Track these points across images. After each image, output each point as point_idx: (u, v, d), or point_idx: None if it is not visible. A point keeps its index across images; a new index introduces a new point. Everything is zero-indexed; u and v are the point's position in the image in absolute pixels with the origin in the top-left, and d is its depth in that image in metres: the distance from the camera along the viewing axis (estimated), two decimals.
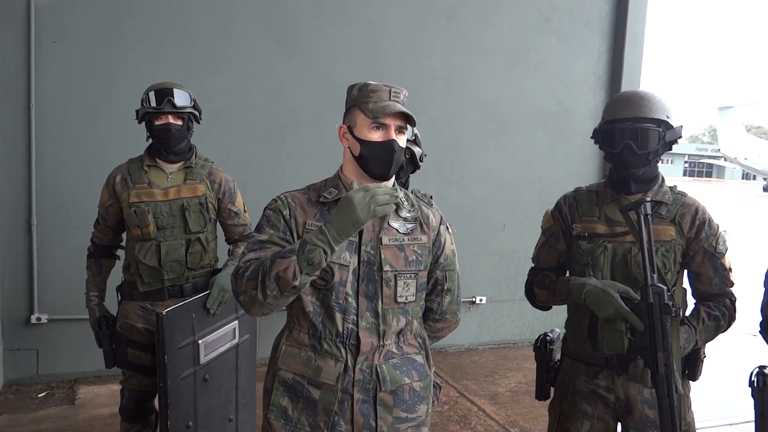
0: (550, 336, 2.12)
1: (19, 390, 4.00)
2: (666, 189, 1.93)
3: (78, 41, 4.01)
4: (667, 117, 1.85)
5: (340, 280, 1.60)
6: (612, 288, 1.78)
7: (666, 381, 1.68)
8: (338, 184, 1.67)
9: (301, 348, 1.64)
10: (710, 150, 61.81)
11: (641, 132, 1.83)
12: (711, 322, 1.88)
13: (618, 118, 1.87)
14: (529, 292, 2.12)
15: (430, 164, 3.13)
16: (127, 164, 2.69)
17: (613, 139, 1.87)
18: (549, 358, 2.10)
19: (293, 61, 4.51)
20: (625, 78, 5.34)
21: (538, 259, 2.13)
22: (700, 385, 2.02)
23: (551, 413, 2.10)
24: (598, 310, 1.79)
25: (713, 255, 1.90)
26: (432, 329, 1.82)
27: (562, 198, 2.08)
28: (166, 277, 2.63)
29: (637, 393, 1.89)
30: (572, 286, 1.87)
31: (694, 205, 1.92)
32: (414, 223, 1.68)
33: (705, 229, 1.89)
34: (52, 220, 4.04)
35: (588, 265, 1.90)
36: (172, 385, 2.33)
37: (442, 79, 4.96)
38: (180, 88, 2.61)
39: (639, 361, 1.71)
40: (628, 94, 1.94)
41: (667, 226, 1.89)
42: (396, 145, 1.60)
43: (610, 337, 1.87)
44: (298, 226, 1.63)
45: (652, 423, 1.87)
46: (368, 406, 1.61)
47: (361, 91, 1.61)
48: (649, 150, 1.84)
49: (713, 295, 1.93)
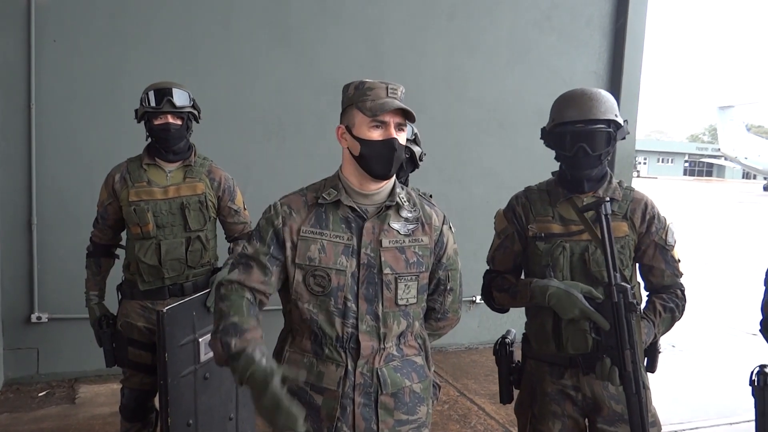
0: (509, 338, 2.10)
1: (19, 389, 4.00)
2: (615, 185, 1.94)
3: (78, 40, 4.01)
4: (615, 116, 1.86)
5: (338, 285, 1.58)
6: (575, 288, 1.78)
7: (633, 378, 1.69)
8: (338, 185, 1.64)
9: (304, 354, 1.63)
10: (710, 149, 61.81)
11: (593, 134, 1.83)
12: (667, 314, 1.91)
13: (568, 120, 1.86)
14: (487, 295, 2.10)
15: (431, 163, 3.13)
16: (126, 163, 2.68)
17: (564, 141, 1.87)
18: (510, 361, 2.08)
19: (294, 60, 4.51)
20: (626, 76, 5.34)
21: (493, 262, 2.10)
22: (699, 384, 2.02)
23: (520, 416, 2.09)
24: (563, 312, 1.79)
25: (663, 248, 1.92)
26: (433, 328, 1.81)
27: (514, 198, 2.08)
28: (166, 275, 2.63)
29: (603, 389, 1.89)
30: (534, 289, 1.86)
31: (643, 200, 1.94)
32: (415, 224, 1.66)
33: (655, 222, 1.91)
34: (53, 219, 4.04)
35: (548, 266, 1.89)
36: (172, 383, 2.33)
37: (442, 78, 4.96)
38: (179, 88, 2.61)
39: (606, 359, 1.72)
40: (576, 93, 1.90)
41: (620, 222, 1.90)
42: (396, 143, 1.58)
43: (574, 336, 1.88)
44: (292, 234, 1.60)
45: (620, 417, 1.88)
46: (369, 409, 1.60)
47: (357, 90, 1.58)
48: (601, 151, 1.85)
49: (665, 287, 1.95)
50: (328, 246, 1.59)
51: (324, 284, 1.57)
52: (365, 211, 1.63)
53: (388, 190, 1.66)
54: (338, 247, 1.59)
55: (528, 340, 2.05)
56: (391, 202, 1.64)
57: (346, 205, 1.61)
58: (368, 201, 1.64)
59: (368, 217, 1.62)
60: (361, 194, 1.63)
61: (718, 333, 6.10)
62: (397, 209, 1.64)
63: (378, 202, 1.64)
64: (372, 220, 1.62)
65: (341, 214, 1.62)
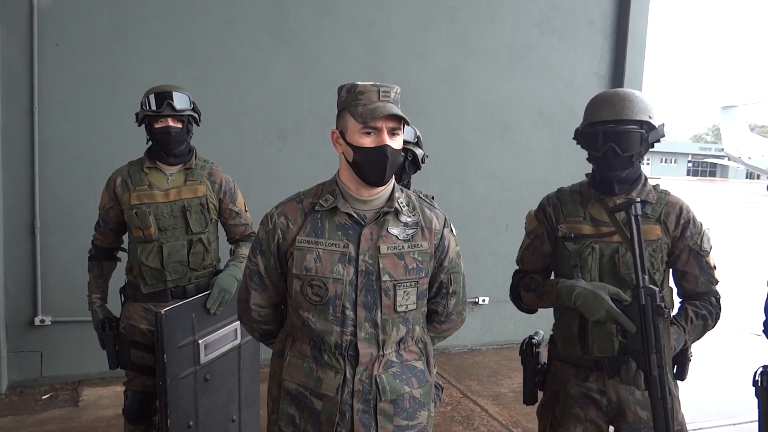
0: (536, 339, 2.09)
1: (23, 392, 4.01)
2: (650, 188, 1.92)
3: (81, 44, 4.02)
4: (649, 117, 1.83)
5: (336, 294, 1.57)
6: (602, 290, 1.76)
7: (659, 383, 1.67)
8: (335, 191, 1.62)
9: (304, 359, 1.62)
10: (714, 149, 61.66)
11: (624, 135, 1.81)
12: (699, 321, 1.87)
13: (600, 120, 1.84)
14: (515, 295, 2.10)
15: (433, 165, 3.13)
16: (127, 167, 2.69)
17: (595, 141, 1.85)
18: (536, 361, 2.07)
19: (295, 62, 4.52)
20: (628, 77, 5.33)
21: (522, 262, 2.10)
22: (702, 384, 2.02)
23: (541, 418, 2.08)
24: (589, 313, 1.77)
25: (698, 253, 1.89)
26: (437, 330, 1.80)
27: (546, 199, 2.05)
28: (168, 278, 2.64)
29: (629, 395, 1.87)
30: (561, 289, 1.84)
31: (678, 204, 1.91)
32: (415, 229, 1.63)
33: (690, 227, 1.88)
34: (56, 223, 4.05)
35: (576, 266, 1.88)
36: (171, 384, 2.34)
37: (444, 79, 4.96)
38: (179, 91, 2.61)
39: (631, 363, 1.70)
40: (609, 94, 1.90)
41: (653, 225, 1.87)
42: (389, 150, 1.52)
43: (600, 339, 1.86)
44: (288, 246, 1.61)
45: (645, 424, 1.86)
46: (368, 416, 1.59)
47: (349, 93, 1.54)
48: (632, 152, 1.82)
49: (699, 294, 1.92)
50: (324, 255, 1.57)
51: (321, 293, 1.56)
52: (363, 217, 1.61)
53: (386, 195, 1.63)
54: (334, 256, 1.57)
55: (554, 341, 2.04)
56: (389, 207, 1.61)
57: (343, 212, 1.60)
58: (366, 206, 1.62)
59: (366, 223, 1.60)
60: (358, 200, 1.61)
61: (721, 333, 6.08)
62: (395, 214, 1.62)
63: (376, 208, 1.62)
64: (370, 226, 1.60)
65: (338, 221, 1.60)
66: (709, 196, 31.99)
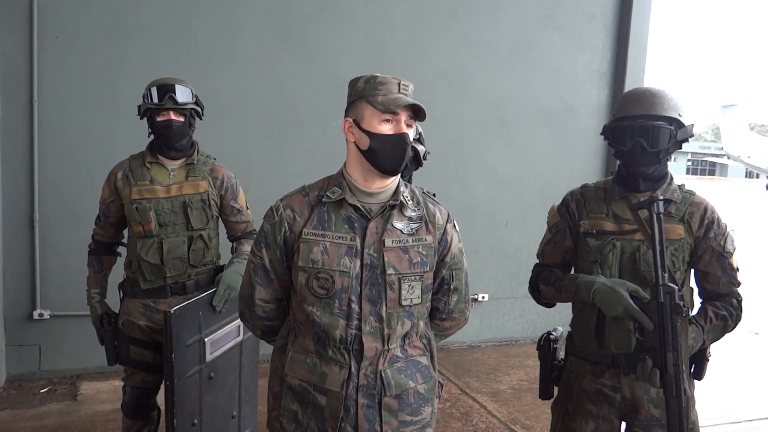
0: (554, 335, 2.09)
1: (21, 385, 4.00)
2: (675, 187, 1.91)
3: (80, 37, 4.00)
4: (679, 115, 1.82)
5: (342, 287, 1.57)
6: (621, 286, 1.76)
7: (674, 381, 1.67)
8: (342, 183, 1.62)
9: (307, 354, 1.62)
10: (713, 148, 61.68)
11: (652, 130, 1.80)
12: (719, 321, 1.86)
13: (629, 115, 1.84)
14: (534, 288, 2.10)
15: (433, 161, 3.11)
16: (129, 161, 2.67)
17: (623, 136, 1.84)
18: (553, 357, 2.07)
19: (296, 57, 4.50)
20: (629, 75, 5.32)
21: (543, 256, 2.11)
22: (703, 383, 2.01)
23: (554, 412, 2.09)
24: (607, 309, 1.78)
25: (721, 254, 1.88)
26: (439, 328, 1.79)
27: (569, 194, 2.05)
28: (168, 274, 2.62)
29: (644, 392, 1.87)
30: (580, 284, 1.85)
31: (703, 204, 1.90)
32: (419, 223, 1.64)
33: (714, 228, 1.87)
34: (55, 216, 4.04)
35: (596, 262, 1.88)
36: (178, 384, 2.32)
37: (445, 76, 4.95)
38: (182, 84, 2.59)
39: (648, 360, 1.70)
40: (640, 90, 1.90)
41: (676, 224, 1.86)
42: (408, 138, 1.56)
43: (617, 335, 1.86)
44: (295, 239, 1.60)
45: (657, 422, 1.86)
46: (373, 411, 1.58)
47: (368, 84, 1.57)
48: (659, 148, 1.81)
49: (720, 295, 1.91)
50: (331, 247, 1.57)
51: (328, 286, 1.56)
52: (369, 210, 1.61)
53: (392, 188, 1.64)
54: (341, 249, 1.57)
55: (572, 337, 2.05)
56: (395, 201, 1.62)
57: (350, 204, 1.60)
58: (372, 200, 1.62)
59: (372, 217, 1.60)
60: (365, 193, 1.61)
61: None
62: (400, 208, 1.62)
63: (382, 201, 1.62)
64: (375, 220, 1.60)
65: (344, 214, 1.60)
66: (708, 194, 31.89)
